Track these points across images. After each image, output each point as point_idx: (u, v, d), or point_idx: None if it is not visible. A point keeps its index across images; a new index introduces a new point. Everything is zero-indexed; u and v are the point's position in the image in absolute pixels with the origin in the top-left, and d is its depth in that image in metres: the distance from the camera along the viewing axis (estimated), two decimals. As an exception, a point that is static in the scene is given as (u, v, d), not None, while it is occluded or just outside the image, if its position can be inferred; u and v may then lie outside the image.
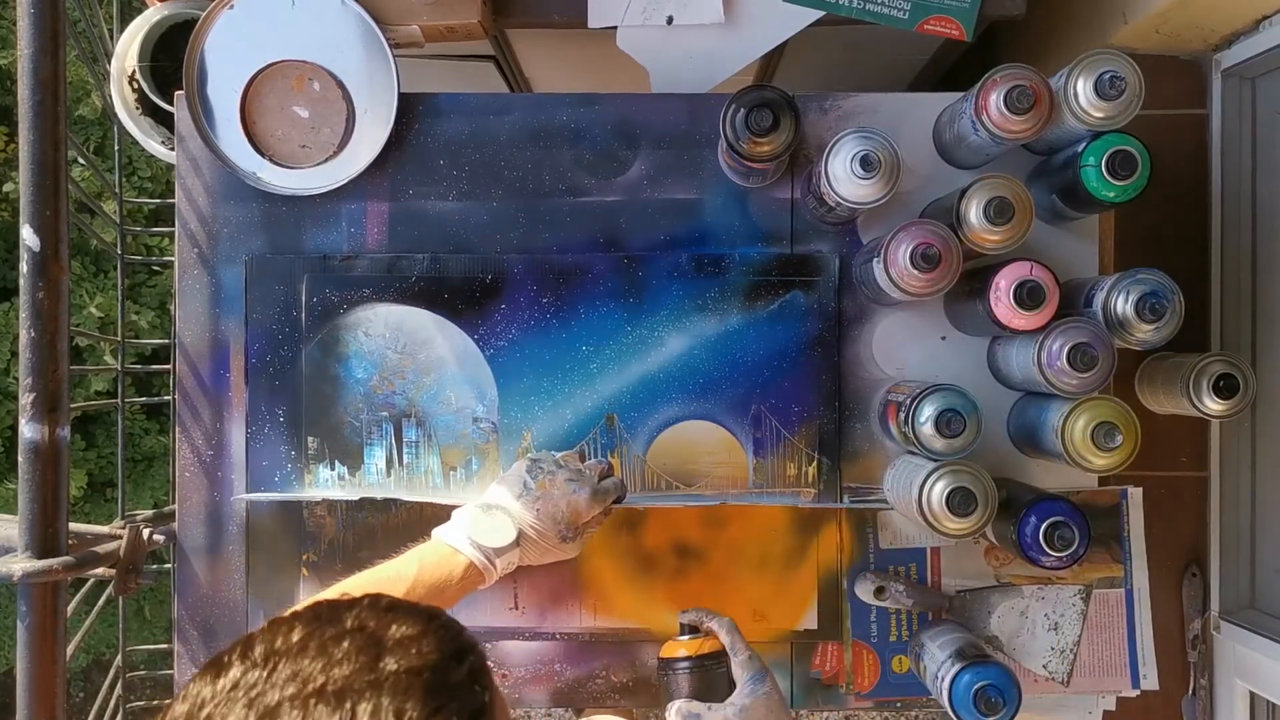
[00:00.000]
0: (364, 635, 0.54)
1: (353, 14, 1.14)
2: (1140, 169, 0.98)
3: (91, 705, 1.26)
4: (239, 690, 0.51)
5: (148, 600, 2.74)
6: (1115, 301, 1.00)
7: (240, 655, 0.54)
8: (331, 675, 0.51)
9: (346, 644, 0.53)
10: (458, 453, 1.17)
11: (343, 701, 0.50)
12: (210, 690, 0.52)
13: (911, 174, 1.13)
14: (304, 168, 1.16)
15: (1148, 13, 1.28)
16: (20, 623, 0.92)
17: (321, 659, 0.52)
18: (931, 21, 1.17)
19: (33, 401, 0.92)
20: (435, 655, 0.54)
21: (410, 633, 0.55)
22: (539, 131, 1.18)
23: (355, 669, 0.52)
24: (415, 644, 0.54)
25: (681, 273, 1.16)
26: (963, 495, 0.98)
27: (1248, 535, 1.35)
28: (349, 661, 0.52)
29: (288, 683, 0.51)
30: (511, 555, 0.99)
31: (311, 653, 0.53)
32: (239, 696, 0.51)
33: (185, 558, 1.17)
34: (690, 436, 1.16)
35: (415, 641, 0.54)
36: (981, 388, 1.11)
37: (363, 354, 1.16)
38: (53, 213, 0.92)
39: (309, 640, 0.54)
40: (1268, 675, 1.29)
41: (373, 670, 0.52)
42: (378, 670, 0.52)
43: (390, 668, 0.52)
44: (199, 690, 0.53)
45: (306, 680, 0.51)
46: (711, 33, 1.20)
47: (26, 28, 0.91)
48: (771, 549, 1.16)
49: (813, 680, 1.17)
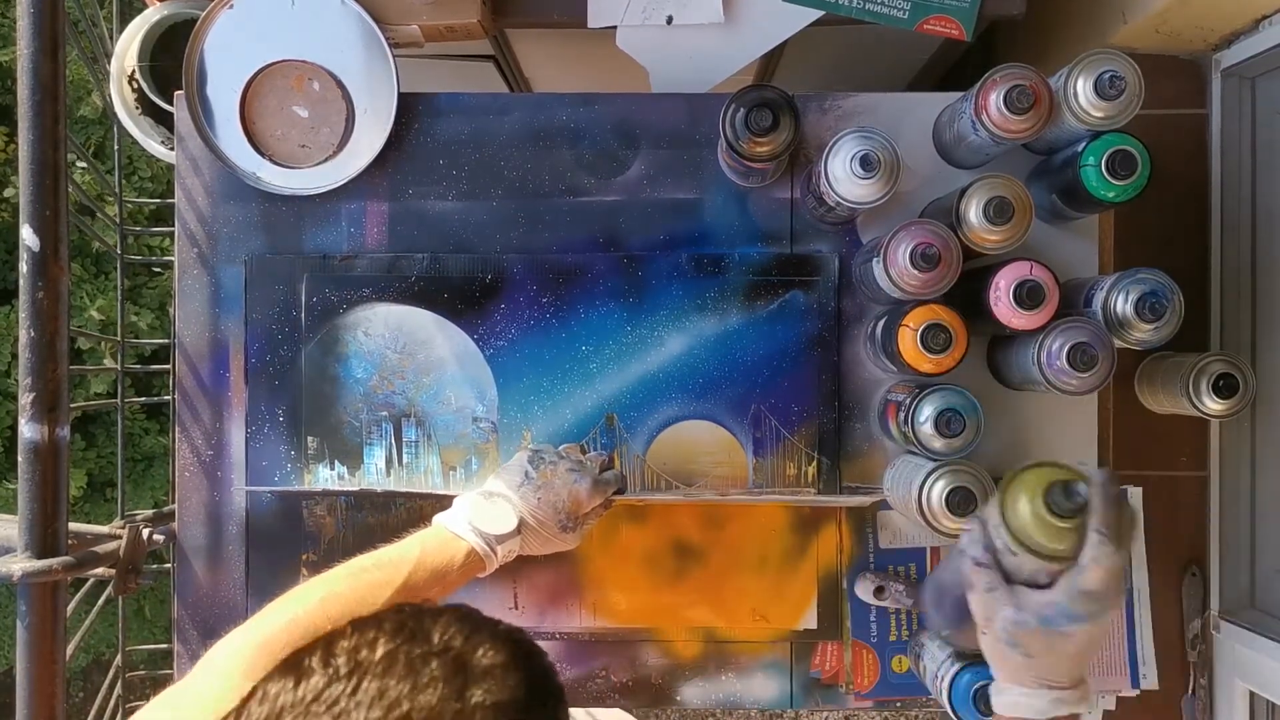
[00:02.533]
0: (451, 659, 0.53)
1: (353, 14, 1.14)
2: (1140, 169, 0.98)
3: (91, 705, 1.26)
4: (321, 704, 0.50)
5: (148, 600, 2.74)
6: (1115, 301, 1.00)
7: (322, 661, 0.53)
8: (417, 702, 0.50)
9: (434, 665, 0.52)
10: (457, 452, 1.17)
11: None
12: (290, 698, 0.51)
13: (911, 174, 1.13)
14: (304, 168, 1.16)
15: (1147, 12, 1.28)
16: (20, 623, 0.92)
17: (408, 681, 0.51)
18: (931, 21, 1.17)
19: (32, 401, 0.92)
20: (522, 690, 0.53)
21: (496, 660, 0.54)
22: (539, 131, 1.18)
23: (441, 697, 0.51)
24: (503, 674, 0.53)
25: (681, 273, 1.16)
26: (963, 495, 0.98)
27: (1248, 535, 1.35)
28: (435, 688, 0.51)
29: (373, 704, 0.50)
30: (512, 543, 0.99)
31: (399, 673, 0.52)
32: (321, 712, 0.50)
33: (185, 558, 1.17)
34: (690, 436, 1.16)
35: (503, 672, 0.53)
36: (981, 388, 1.11)
37: (362, 354, 1.16)
38: (52, 213, 0.92)
39: (396, 657, 0.52)
40: (1268, 675, 1.29)
41: (459, 700, 0.51)
42: (464, 700, 0.51)
43: (476, 699, 0.51)
44: (278, 694, 0.52)
45: (392, 705, 0.50)
46: (711, 32, 1.20)
47: (26, 28, 0.91)
48: (771, 549, 1.16)
49: (812, 680, 1.17)
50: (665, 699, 1.18)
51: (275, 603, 0.85)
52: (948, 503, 0.98)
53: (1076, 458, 1.16)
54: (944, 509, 0.98)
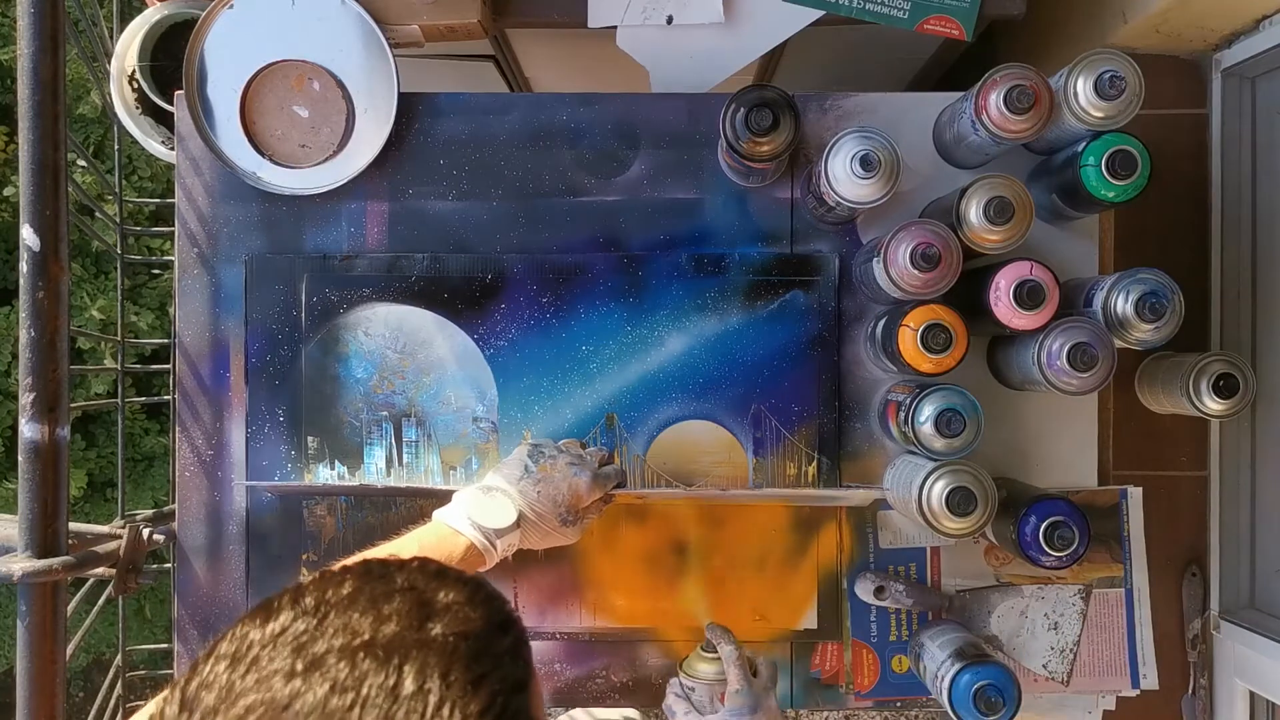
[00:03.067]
0: (413, 595, 0.55)
1: (353, 14, 1.14)
2: (1140, 169, 0.98)
3: (91, 705, 1.26)
4: (287, 636, 0.52)
5: (148, 600, 2.74)
6: (1115, 301, 1.00)
7: (291, 602, 0.54)
8: (380, 631, 0.52)
9: (397, 601, 0.54)
10: (457, 452, 1.17)
11: (390, 658, 0.51)
12: (259, 634, 0.53)
13: (911, 174, 1.13)
14: (304, 167, 1.16)
15: (1148, 12, 1.28)
16: (20, 622, 0.92)
17: (371, 614, 0.53)
18: (931, 21, 1.17)
19: (32, 401, 0.92)
20: (481, 624, 0.55)
21: (458, 598, 0.55)
22: (539, 131, 1.18)
23: (403, 627, 0.52)
24: (462, 610, 0.55)
25: (681, 272, 1.16)
26: (963, 495, 0.98)
27: (1248, 535, 1.36)
28: (397, 619, 0.53)
29: (337, 634, 0.52)
30: (512, 537, 0.99)
31: (361, 606, 0.53)
32: (287, 641, 0.52)
33: (185, 557, 1.17)
34: (690, 436, 1.16)
35: (462, 607, 0.55)
36: (981, 388, 1.11)
37: (362, 354, 1.16)
38: (52, 212, 0.92)
39: (359, 594, 0.54)
40: (1268, 675, 1.29)
41: (420, 630, 0.53)
42: (425, 631, 0.53)
43: (437, 631, 0.53)
44: (246, 631, 0.53)
45: (355, 633, 0.52)
46: (711, 32, 1.20)
47: (26, 27, 0.91)
48: (771, 549, 1.16)
49: (812, 680, 1.17)
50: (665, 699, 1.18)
51: None
52: (948, 503, 0.98)
53: (1076, 457, 1.16)
54: (944, 509, 0.98)
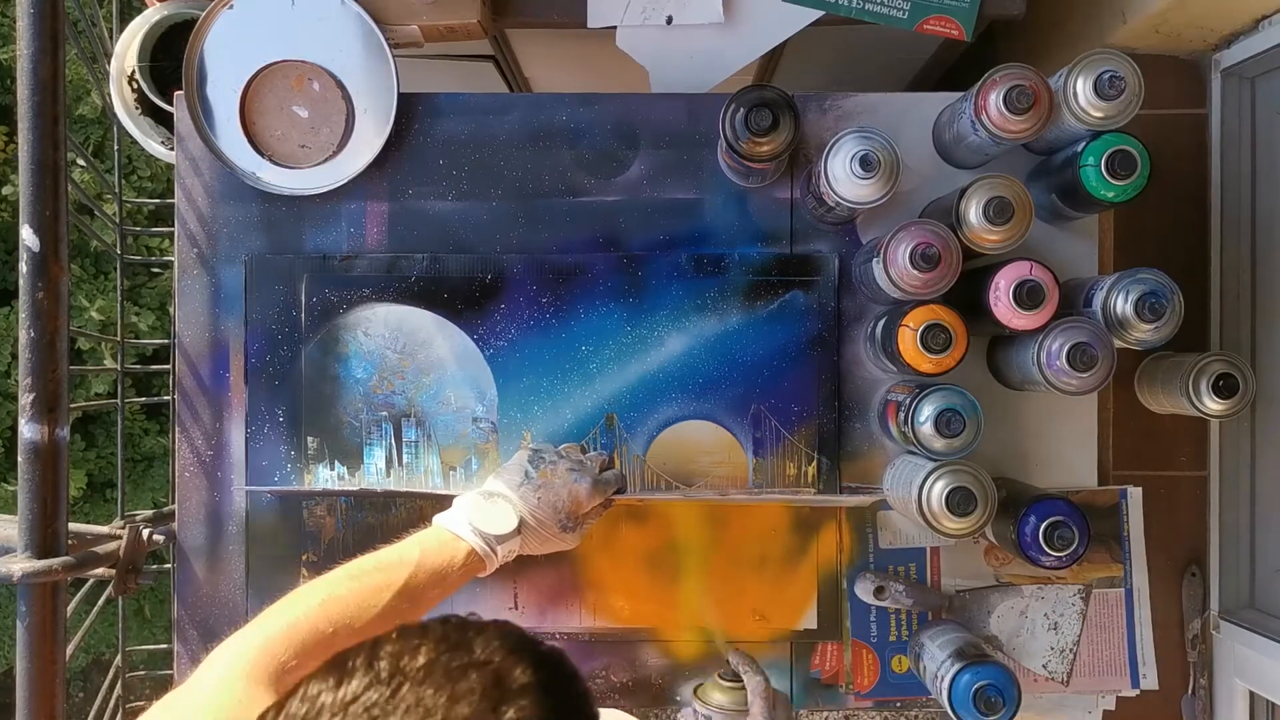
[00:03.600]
0: (489, 673, 0.54)
1: (352, 14, 1.14)
2: (1140, 169, 0.98)
3: (91, 705, 1.26)
4: (359, 706, 0.52)
5: (148, 600, 2.74)
6: (1115, 301, 1.00)
7: (365, 665, 0.54)
8: (452, 713, 0.51)
9: (473, 678, 0.53)
10: (457, 453, 1.17)
11: None
12: (330, 698, 0.52)
13: (911, 174, 1.13)
14: (304, 168, 1.16)
15: (1147, 12, 1.28)
16: (20, 623, 0.92)
17: (446, 691, 0.52)
18: (931, 21, 1.17)
19: (32, 402, 0.92)
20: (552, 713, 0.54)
21: (535, 680, 0.55)
22: (538, 131, 1.18)
23: (475, 710, 0.52)
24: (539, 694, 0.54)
25: (681, 273, 1.16)
26: (962, 495, 0.98)
27: (1247, 535, 1.36)
28: (469, 700, 0.52)
29: (409, 711, 0.51)
30: (512, 543, 0.99)
31: (437, 681, 0.53)
32: (359, 713, 0.51)
33: (185, 558, 1.17)
34: (690, 436, 1.16)
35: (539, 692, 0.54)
36: (981, 388, 1.11)
37: (362, 354, 1.16)
38: (52, 213, 0.92)
39: (435, 666, 0.54)
40: (1268, 675, 1.29)
41: (493, 713, 0.52)
42: (497, 714, 0.52)
43: (509, 715, 0.52)
44: (319, 692, 0.53)
45: (428, 712, 0.51)
46: (711, 33, 1.20)
47: (26, 28, 0.91)
48: (771, 549, 1.16)
49: (812, 680, 1.17)
50: (665, 699, 1.18)
51: (275, 605, 0.85)
52: (948, 503, 0.98)
53: (1076, 458, 1.17)
54: (944, 509, 0.98)
